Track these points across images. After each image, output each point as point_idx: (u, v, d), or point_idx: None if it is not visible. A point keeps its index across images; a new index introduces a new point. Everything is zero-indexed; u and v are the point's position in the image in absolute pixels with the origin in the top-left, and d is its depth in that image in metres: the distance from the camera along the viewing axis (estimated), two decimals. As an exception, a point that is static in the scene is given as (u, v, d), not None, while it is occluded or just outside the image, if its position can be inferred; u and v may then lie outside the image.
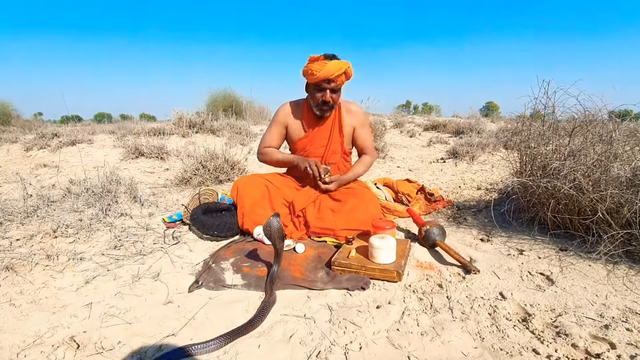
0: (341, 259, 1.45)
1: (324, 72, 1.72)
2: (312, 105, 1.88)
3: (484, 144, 4.34)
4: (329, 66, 1.72)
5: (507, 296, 1.22)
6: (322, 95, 1.81)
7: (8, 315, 1.16)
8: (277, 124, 1.99)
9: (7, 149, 4.79)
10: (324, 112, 1.88)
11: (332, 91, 1.81)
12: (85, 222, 1.75)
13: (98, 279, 1.38)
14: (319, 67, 1.73)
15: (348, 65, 1.79)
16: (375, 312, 1.17)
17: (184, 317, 1.16)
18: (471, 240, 1.74)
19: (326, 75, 1.73)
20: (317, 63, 1.74)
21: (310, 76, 1.79)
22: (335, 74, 1.74)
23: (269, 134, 2.01)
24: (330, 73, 1.73)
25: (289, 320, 1.14)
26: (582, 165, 1.41)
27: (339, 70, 1.74)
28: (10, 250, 1.55)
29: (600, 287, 1.25)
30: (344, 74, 1.79)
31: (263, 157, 2.02)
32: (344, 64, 1.76)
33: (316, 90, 1.82)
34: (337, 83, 1.79)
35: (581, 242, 1.51)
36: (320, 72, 1.73)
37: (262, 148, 2.02)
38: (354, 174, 1.95)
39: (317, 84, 1.80)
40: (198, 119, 5.74)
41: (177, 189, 2.80)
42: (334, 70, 1.73)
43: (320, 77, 1.74)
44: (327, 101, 1.82)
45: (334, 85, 1.79)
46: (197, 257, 1.59)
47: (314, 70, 1.75)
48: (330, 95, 1.81)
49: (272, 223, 1.37)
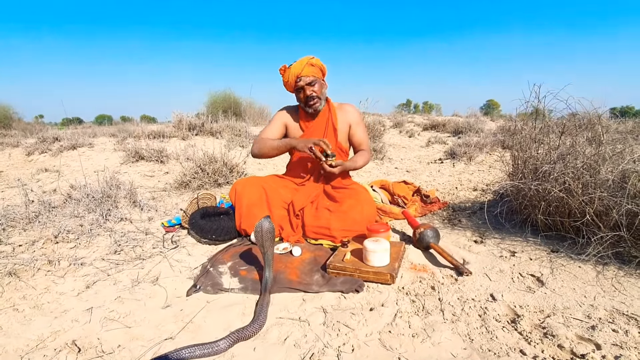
0: (336, 262, 1.48)
1: (291, 75, 1.90)
2: (303, 106, 2.00)
3: (481, 144, 4.37)
4: (292, 68, 1.90)
5: (497, 298, 1.25)
6: (303, 93, 1.94)
7: (12, 320, 1.20)
8: (277, 121, 2.07)
9: (8, 154, 4.84)
10: (313, 106, 1.96)
11: (308, 85, 1.92)
12: (85, 227, 1.79)
13: (98, 283, 1.41)
14: (286, 74, 1.92)
15: (310, 58, 1.92)
16: (369, 314, 1.19)
17: (182, 320, 1.19)
18: (465, 242, 1.77)
19: (295, 76, 1.89)
20: (284, 73, 1.93)
21: (286, 85, 1.96)
22: (300, 71, 1.89)
23: (267, 128, 2.07)
24: (297, 72, 1.89)
25: (284, 323, 1.17)
26: (571, 168, 1.43)
27: (302, 65, 1.89)
28: (13, 256, 1.58)
29: (589, 288, 1.27)
30: (309, 66, 1.90)
31: (257, 145, 1.99)
32: (304, 59, 1.91)
33: (297, 92, 1.96)
34: (307, 76, 1.91)
35: (572, 244, 1.54)
36: (289, 77, 1.90)
37: (259, 138, 2.02)
38: (354, 162, 1.98)
39: (295, 89, 1.95)
40: (198, 121, 5.78)
41: (176, 192, 2.84)
42: (297, 69, 1.89)
43: (291, 80, 1.91)
44: (309, 95, 1.93)
45: (306, 80, 1.91)
46: (196, 261, 1.62)
47: (284, 79, 1.94)
48: (310, 89, 1.92)
49: (262, 224, 1.39)
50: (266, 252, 1.39)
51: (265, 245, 1.39)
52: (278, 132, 2.06)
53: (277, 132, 2.06)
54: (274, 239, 1.43)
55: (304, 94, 1.92)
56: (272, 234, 1.40)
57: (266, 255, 1.39)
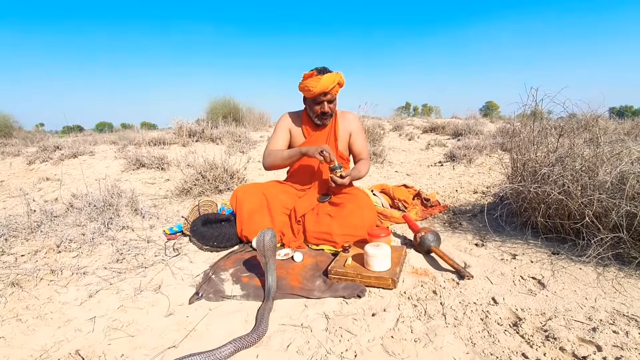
0: (337, 267, 1.49)
1: (320, 87, 1.83)
2: (312, 116, 1.98)
3: (481, 146, 4.38)
4: (323, 81, 1.82)
5: (499, 301, 1.25)
6: (321, 107, 1.92)
7: (15, 331, 1.20)
8: (282, 129, 2.07)
9: (10, 163, 4.85)
10: (324, 121, 1.99)
11: (328, 102, 1.92)
12: (88, 236, 1.80)
13: (101, 292, 1.42)
14: (314, 83, 1.83)
15: (340, 76, 1.89)
16: (371, 319, 1.20)
17: (185, 328, 1.19)
18: (466, 245, 1.77)
19: (322, 90, 1.84)
20: (312, 79, 1.84)
21: (307, 92, 1.89)
22: (329, 87, 1.85)
23: (274, 139, 2.06)
24: (325, 87, 1.83)
25: (286, 330, 1.17)
26: (570, 170, 1.44)
27: (332, 83, 1.85)
28: (15, 266, 1.59)
29: (590, 290, 1.28)
30: (337, 86, 1.89)
31: (268, 159, 2.00)
32: (336, 76, 1.86)
33: (314, 103, 1.92)
34: (332, 95, 1.90)
35: (572, 246, 1.54)
36: (315, 88, 1.83)
37: (268, 150, 2.03)
38: (359, 172, 1.99)
39: (314, 98, 1.90)
40: (198, 128, 5.80)
41: (177, 199, 2.85)
42: (328, 83, 1.83)
43: (316, 92, 1.84)
44: (325, 112, 1.93)
45: (329, 96, 1.89)
46: (198, 269, 1.63)
47: (309, 86, 1.84)
48: (328, 106, 1.92)
49: (264, 235, 1.39)
50: (268, 261, 1.39)
51: (267, 255, 1.39)
52: (284, 140, 2.06)
53: (284, 141, 2.06)
54: (276, 249, 1.44)
55: (321, 108, 1.92)
56: (273, 245, 1.41)
57: (268, 265, 1.39)
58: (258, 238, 1.41)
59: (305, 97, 1.97)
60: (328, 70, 1.89)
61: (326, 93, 1.87)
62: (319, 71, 1.86)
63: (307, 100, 1.98)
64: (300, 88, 1.93)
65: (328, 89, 1.84)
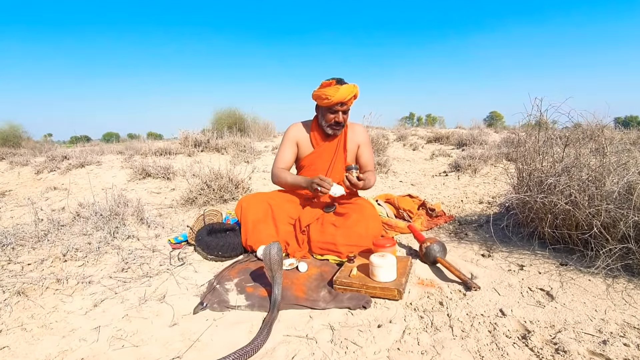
0: (342, 277, 1.48)
1: (338, 97, 1.86)
2: (324, 125, 2.01)
3: (486, 156, 4.37)
4: (342, 90, 1.86)
5: (507, 313, 1.23)
6: (335, 116, 1.95)
7: (20, 340, 1.20)
8: (290, 142, 2.09)
9: (18, 172, 4.92)
10: (336, 131, 2.01)
11: (343, 112, 1.96)
12: (94, 245, 1.80)
13: (106, 302, 1.42)
14: (332, 92, 1.87)
15: (357, 88, 1.94)
16: (377, 331, 1.18)
17: (189, 339, 1.19)
18: (472, 256, 1.76)
19: (339, 99, 1.87)
20: (330, 88, 1.88)
21: (323, 100, 1.92)
22: (347, 98, 1.89)
23: (282, 153, 2.09)
24: (343, 97, 1.87)
25: (291, 341, 1.16)
26: (576, 180, 1.43)
27: (350, 94, 1.89)
28: (21, 274, 1.60)
29: (599, 302, 1.26)
30: (354, 98, 1.94)
31: (275, 179, 2.07)
32: (353, 88, 1.91)
33: (329, 112, 1.96)
34: (348, 105, 1.94)
35: (580, 257, 1.52)
36: (334, 97, 1.87)
37: (276, 169, 2.07)
38: (368, 180, 1.98)
39: (330, 107, 1.93)
40: (204, 138, 5.86)
41: (182, 209, 2.86)
42: (346, 94, 1.87)
43: (334, 101, 1.88)
44: (339, 122, 1.96)
45: (345, 107, 1.94)
46: (202, 278, 1.62)
47: (328, 95, 1.88)
48: (342, 116, 1.96)
49: (270, 249, 1.39)
50: (274, 275, 1.39)
51: (274, 269, 1.39)
52: (291, 154, 2.09)
53: (291, 155, 2.09)
54: (282, 263, 1.44)
55: (336, 117, 1.95)
56: (280, 259, 1.41)
57: (275, 277, 1.39)
58: (264, 252, 1.41)
59: (320, 105, 1.99)
60: (345, 82, 1.93)
61: (343, 103, 1.91)
62: (338, 81, 1.91)
63: (321, 109, 2.01)
64: (315, 96, 1.96)
65: (345, 99, 1.88)
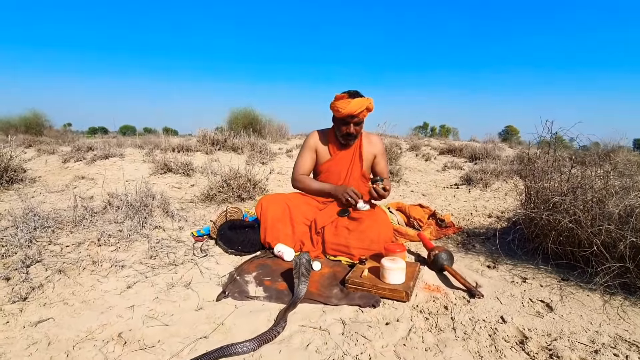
0: (354, 277, 1.59)
1: (348, 110, 1.96)
2: (338, 135, 2.12)
3: (498, 172, 4.42)
4: (352, 104, 1.96)
5: (507, 320, 1.33)
6: (347, 128, 2.05)
7: (63, 313, 1.34)
8: (309, 149, 2.21)
9: (45, 160, 5.16)
10: (348, 141, 2.12)
11: (355, 124, 2.05)
12: (125, 232, 1.95)
13: (138, 284, 1.56)
14: (343, 104, 1.97)
15: (370, 101, 2.02)
16: (385, 327, 1.29)
17: (214, 322, 1.31)
18: (478, 266, 1.85)
19: (350, 112, 1.97)
20: (342, 101, 1.98)
21: (336, 112, 2.03)
22: (357, 111, 1.97)
23: (301, 160, 2.21)
24: (353, 110, 1.97)
25: (306, 331, 1.27)
26: (581, 200, 1.52)
27: (360, 107, 1.97)
28: (61, 255, 1.75)
29: (595, 316, 1.34)
30: (366, 110, 2.02)
31: (299, 184, 2.19)
32: (365, 101, 1.99)
33: (342, 123, 2.06)
34: (359, 118, 2.03)
35: (581, 273, 1.60)
36: (344, 110, 1.97)
37: (298, 175, 2.20)
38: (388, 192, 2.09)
39: (342, 119, 2.04)
40: (221, 137, 6.05)
41: (202, 204, 3.01)
42: (356, 107, 1.96)
43: (345, 113, 1.98)
44: (350, 133, 2.06)
45: (356, 119, 2.02)
46: (223, 270, 1.75)
47: (339, 107, 1.99)
48: (353, 128, 2.05)
49: (301, 259, 1.52)
50: (300, 282, 1.50)
51: (301, 278, 1.51)
52: (311, 161, 2.21)
53: (310, 162, 2.21)
54: (310, 271, 1.56)
55: (347, 129, 2.04)
56: (308, 268, 1.53)
57: (300, 279, 1.50)
58: (295, 260, 1.54)
59: (335, 116, 2.10)
60: (359, 95, 2.02)
61: (354, 116, 1.99)
62: (351, 94, 2.01)
63: (335, 120, 2.12)
64: (330, 107, 2.07)
65: (356, 112, 1.97)
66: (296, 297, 1.46)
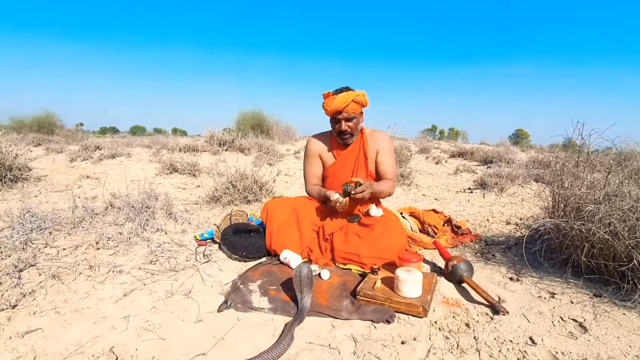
0: (367, 289, 1.47)
1: (333, 106, 1.89)
2: (335, 135, 2.03)
3: (513, 176, 4.25)
4: (335, 100, 1.88)
5: (537, 341, 1.19)
6: (338, 125, 1.96)
7: (53, 323, 1.25)
8: (313, 157, 2.12)
9: (53, 159, 5.14)
10: (345, 139, 2.01)
11: (346, 120, 1.94)
12: (125, 235, 1.86)
13: (135, 292, 1.46)
14: (329, 102, 1.90)
15: (356, 94, 1.89)
16: (400, 347, 1.17)
17: (214, 337, 1.20)
18: (500, 278, 1.71)
19: (335, 109, 1.89)
20: (327, 99, 1.92)
21: (325, 111, 1.96)
22: (342, 106, 1.88)
23: (308, 169, 2.14)
24: (338, 106, 1.88)
25: (314, 349, 1.16)
26: (617, 209, 1.38)
27: (345, 102, 1.87)
28: (57, 259, 1.66)
29: (634, 338, 1.20)
30: (353, 103, 1.90)
31: (310, 191, 2.15)
32: (350, 95, 1.87)
33: (333, 122, 1.99)
34: (348, 113, 1.92)
35: (616, 289, 1.46)
36: (330, 107, 1.90)
37: (309, 187, 2.15)
38: (378, 184, 1.96)
39: (332, 117, 1.97)
40: (228, 138, 5.98)
41: (207, 206, 2.91)
42: (340, 103, 1.87)
43: (331, 110, 1.91)
44: (343, 130, 1.96)
45: (345, 115, 1.92)
46: (226, 277, 1.65)
47: (325, 106, 1.93)
48: (345, 124, 1.95)
49: (301, 270, 1.40)
50: (303, 295, 1.39)
51: (303, 291, 1.39)
52: (318, 168, 2.13)
53: (318, 169, 2.13)
54: (312, 283, 1.43)
55: (339, 126, 1.95)
56: (310, 280, 1.41)
57: (303, 293, 1.39)
58: (295, 271, 1.42)
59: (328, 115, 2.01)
60: (347, 89, 1.91)
61: (340, 112, 1.90)
62: (337, 91, 1.91)
63: (330, 122, 2.03)
64: (323, 108, 1.99)
65: (341, 107, 1.87)
66: (301, 311, 1.34)
